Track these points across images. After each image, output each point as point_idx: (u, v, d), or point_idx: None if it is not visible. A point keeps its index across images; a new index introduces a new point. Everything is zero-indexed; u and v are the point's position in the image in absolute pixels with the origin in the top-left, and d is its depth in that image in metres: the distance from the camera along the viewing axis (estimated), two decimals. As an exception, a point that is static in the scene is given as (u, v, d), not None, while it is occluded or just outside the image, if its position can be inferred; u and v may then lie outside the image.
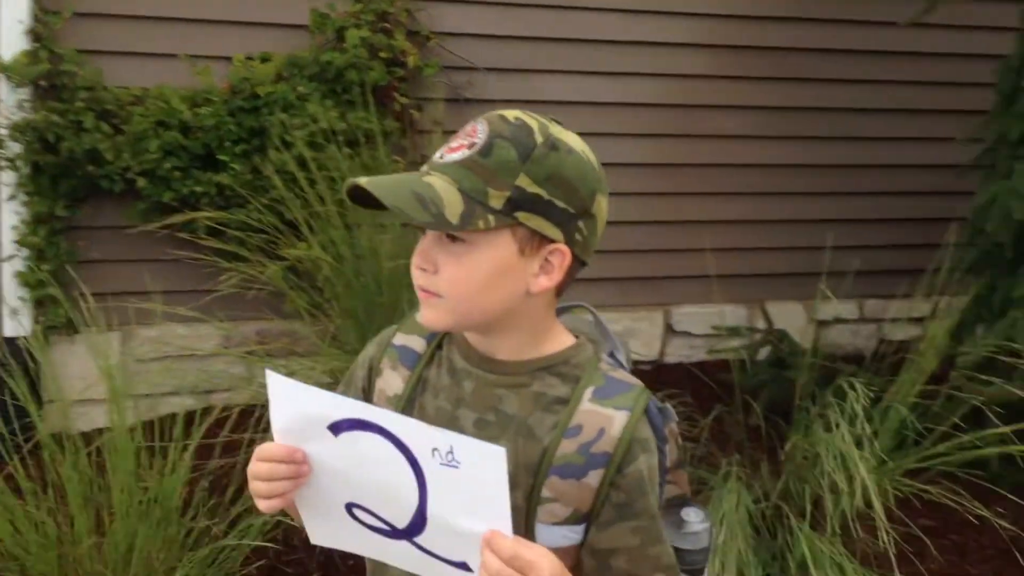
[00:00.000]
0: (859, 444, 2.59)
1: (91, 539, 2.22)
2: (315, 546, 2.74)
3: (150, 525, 2.27)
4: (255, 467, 1.16)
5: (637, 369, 1.36)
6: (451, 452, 1.03)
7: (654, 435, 1.24)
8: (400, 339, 1.33)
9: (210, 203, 3.51)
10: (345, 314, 2.98)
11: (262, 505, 1.17)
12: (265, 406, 2.59)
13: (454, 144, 1.18)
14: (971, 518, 3.24)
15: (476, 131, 1.17)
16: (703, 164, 4.46)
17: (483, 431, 1.22)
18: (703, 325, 4.48)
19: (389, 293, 2.91)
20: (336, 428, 1.09)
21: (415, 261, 1.19)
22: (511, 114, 1.18)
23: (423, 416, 1.26)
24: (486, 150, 1.14)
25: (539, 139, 1.16)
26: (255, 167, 3.54)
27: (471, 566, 1.10)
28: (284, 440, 1.14)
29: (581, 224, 1.19)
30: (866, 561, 2.82)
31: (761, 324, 4.40)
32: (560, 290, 1.24)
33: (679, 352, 4.44)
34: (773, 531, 2.75)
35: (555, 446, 1.19)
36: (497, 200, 1.14)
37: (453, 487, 1.05)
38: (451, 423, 1.24)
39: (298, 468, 1.14)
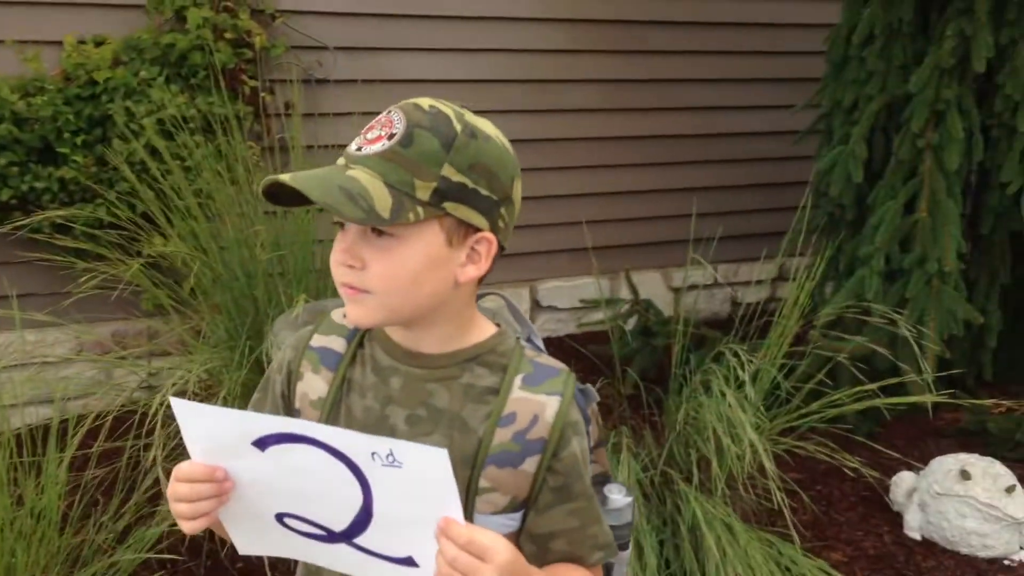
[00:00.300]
0: (741, 407, 2.68)
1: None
2: (208, 555, 2.64)
3: (29, 543, 2.11)
4: (175, 488, 1.12)
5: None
6: (391, 455, 1.02)
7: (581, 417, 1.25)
8: (318, 340, 1.29)
9: (53, 199, 3.27)
10: (215, 309, 2.84)
11: (187, 526, 1.13)
12: (139, 411, 2.46)
13: (371, 136, 1.15)
14: (845, 470, 3.43)
15: (392, 121, 1.14)
16: (555, 139, 4.50)
17: (415, 427, 1.21)
18: (568, 299, 4.53)
19: (265, 285, 2.79)
20: (262, 443, 1.06)
21: (338, 259, 1.15)
22: (424, 102, 1.16)
23: (351, 417, 1.24)
24: (406, 140, 1.12)
25: (458, 127, 1.14)
26: (100, 159, 3.31)
27: (417, 560, 1.09)
28: (203, 459, 1.10)
29: (503, 211, 1.19)
30: (746, 519, 2.93)
31: (625, 294, 4.49)
32: (483, 279, 1.22)
33: (547, 327, 4.48)
34: (662, 497, 2.82)
35: (490, 436, 1.19)
36: (424, 191, 1.12)
37: (399, 486, 1.04)
38: (381, 422, 1.22)
39: (220, 486, 1.11)
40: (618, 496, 1.37)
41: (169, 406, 2.37)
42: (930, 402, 3.08)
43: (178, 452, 2.35)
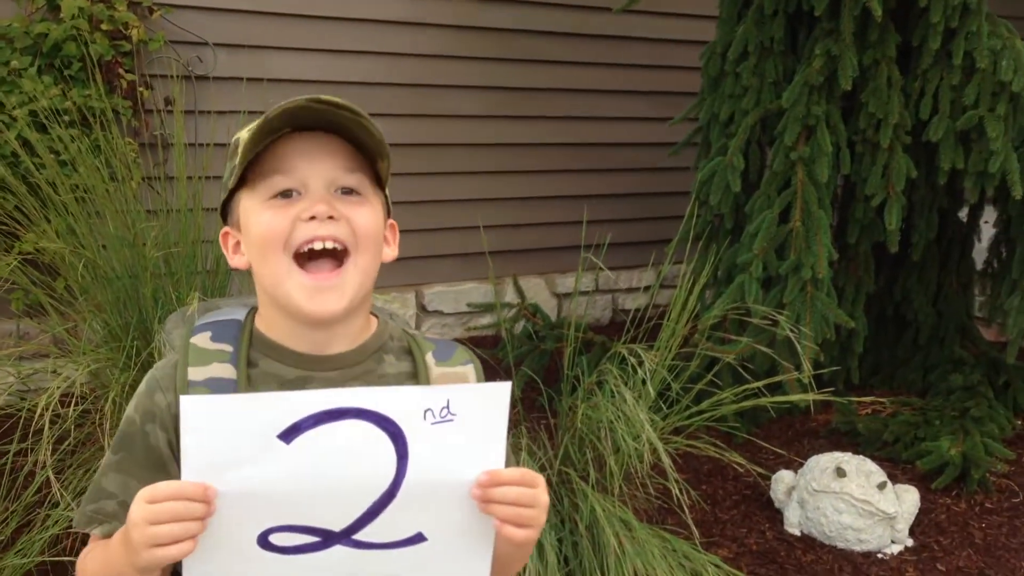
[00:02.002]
0: (637, 406, 2.73)
1: None
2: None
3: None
4: (157, 510, 0.99)
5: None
6: (446, 407, 1.02)
7: None
8: (199, 373, 1.16)
9: (-87, 192, 3.05)
10: (97, 308, 2.70)
11: (173, 551, 1.00)
12: (20, 415, 2.31)
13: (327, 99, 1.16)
14: (730, 468, 3.53)
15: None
16: (437, 144, 4.50)
17: None
18: (454, 303, 4.52)
19: (152, 284, 2.67)
20: (294, 431, 1.00)
21: (320, 210, 1.12)
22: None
23: None
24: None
25: None
26: (-34, 150, 3.12)
27: (427, 535, 1.08)
28: (195, 478, 1.00)
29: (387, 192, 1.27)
30: (639, 516, 2.98)
31: (511, 299, 4.51)
32: None
33: (433, 331, 4.46)
34: (560, 496, 2.83)
35: None
36: (383, 168, 1.19)
37: (443, 444, 1.03)
38: None
39: (208, 508, 1.00)
40: None
41: (55, 406, 2.24)
42: (811, 400, 3.20)
43: (65, 455, 2.23)
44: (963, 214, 4.60)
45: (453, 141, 4.51)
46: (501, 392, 1.03)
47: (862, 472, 3.28)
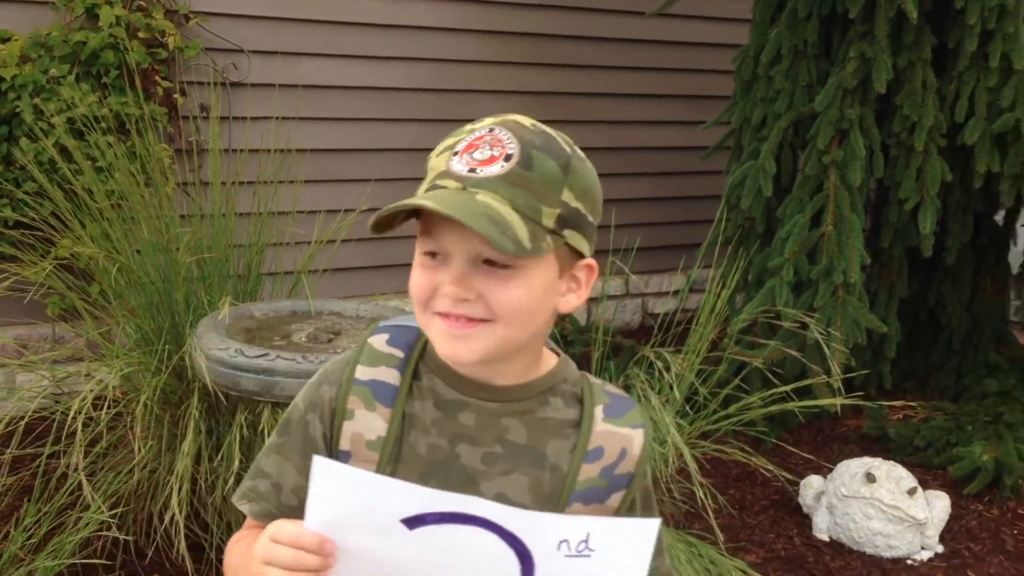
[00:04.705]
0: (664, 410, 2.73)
1: None
2: (121, 565, 2.56)
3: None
4: (273, 551, 0.99)
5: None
6: (584, 541, 0.95)
7: None
8: (365, 373, 1.16)
9: (-44, 198, 3.14)
10: (131, 313, 2.76)
11: None
12: (54, 417, 2.37)
13: (480, 155, 1.06)
14: (758, 473, 3.52)
15: (502, 140, 1.06)
16: (472, 149, 4.52)
17: (493, 466, 1.13)
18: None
19: (185, 289, 2.73)
20: (416, 522, 0.96)
21: (449, 291, 1.05)
22: (521, 119, 1.09)
23: (415, 456, 1.14)
24: (527, 162, 1.05)
25: (568, 149, 1.09)
26: (6, 157, 3.19)
27: None
28: (320, 529, 0.98)
29: (595, 234, 1.13)
30: (665, 521, 2.98)
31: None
32: None
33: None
34: (585, 501, 2.85)
35: (576, 471, 1.14)
36: (550, 219, 1.05)
37: None
38: (451, 461, 1.13)
39: (326, 561, 0.99)
40: None
41: (88, 410, 2.30)
42: (839, 405, 3.19)
43: (98, 458, 2.28)
44: (999, 217, 4.54)
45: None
46: (648, 529, 0.96)
47: (892, 477, 3.26)
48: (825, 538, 3.30)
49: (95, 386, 2.39)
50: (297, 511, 1.05)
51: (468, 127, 1.09)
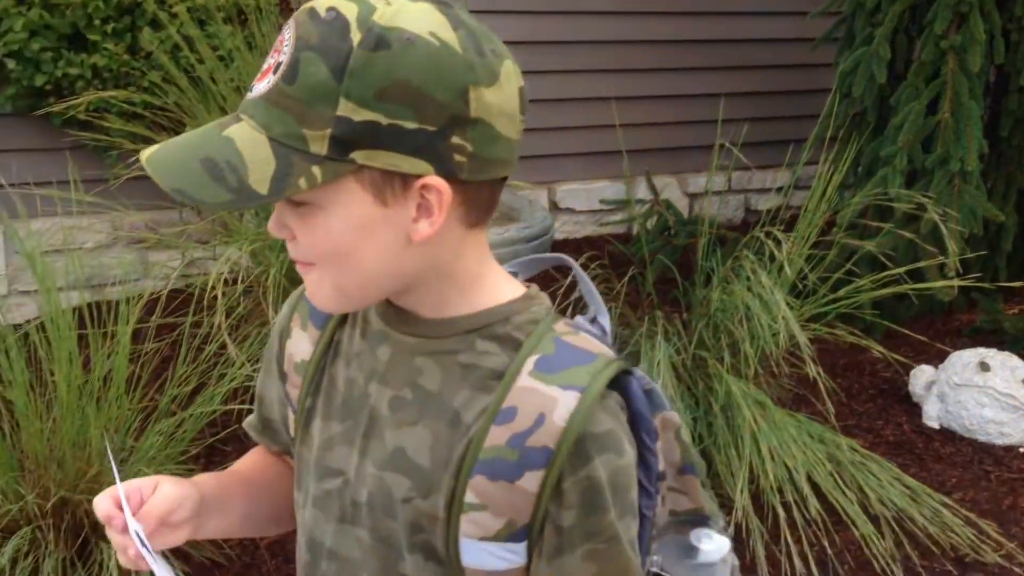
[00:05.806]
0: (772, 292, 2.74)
1: (39, 424, 2.11)
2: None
3: (99, 405, 2.18)
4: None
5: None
6: None
7: (627, 428, 0.93)
8: None
9: (87, 86, 3.26)
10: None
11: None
12: (192, 290, 2.50)
13: (264, 65, 0.87)
14: (865, 363, 3.51)
15: (283, 41, 0.85)
16: (569, 41, 4.48)
17: (397, 412, 0.94)
18: (586, 201, 4.56)
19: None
20: None
21: (270, 227, 0.91)
22: (323, 4, 0.84)
23: (333, 388, 1.00)
24: (291, 73, 0.82)
25: (355, 37, 0.82)
26: (131, 47, 3.30)
27: None
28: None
29: (456, 139, 0.85)
30: (773, 403, 3.01)
31: (643, 198, 4.53)
32: (476, 222, 0.92)
33: (564, 228, 4.51)
34: (694, 379, 2.89)
35: (482, 435, 0.89)
36: (318, 144, 0.82)
37: None
38: (363, 400, 0.97)
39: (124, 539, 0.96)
40: (710, 547, 1.01)
41: (226, 280, 2.42)
42: (954, 293, 3.14)
43: (238, 321, 2.37)
44: None
45: (583, 39, 4.49)
46: None
47: (1007, 367, 3.22)
48: (935, 426, 3.29)
49: (225, 262, 2.50)
50: (277, 424, 1.10)
51: None
